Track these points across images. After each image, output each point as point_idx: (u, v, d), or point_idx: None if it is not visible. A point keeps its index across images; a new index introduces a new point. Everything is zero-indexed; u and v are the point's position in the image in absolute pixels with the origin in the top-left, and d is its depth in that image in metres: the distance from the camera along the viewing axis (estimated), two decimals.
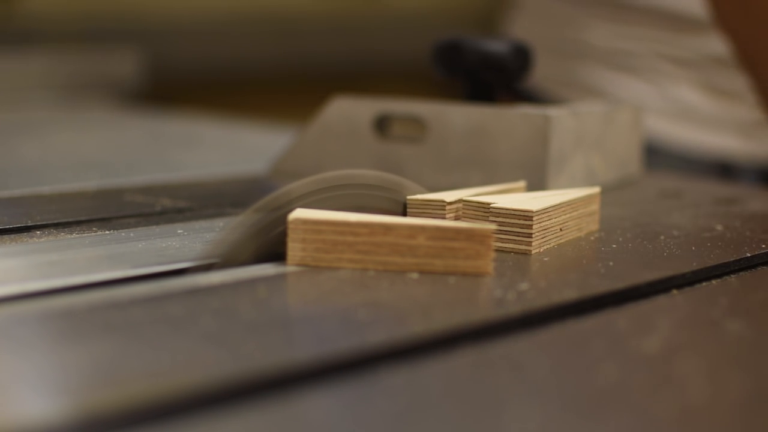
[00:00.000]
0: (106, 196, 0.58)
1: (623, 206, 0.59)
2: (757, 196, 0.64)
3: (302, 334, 0.32)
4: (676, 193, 0.66)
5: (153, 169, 0.74)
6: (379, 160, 0.64)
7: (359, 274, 0.39)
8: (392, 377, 0.29)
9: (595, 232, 0.49)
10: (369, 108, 0.64)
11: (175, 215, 0.52)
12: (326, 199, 0.43)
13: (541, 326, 0.34)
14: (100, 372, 0.28)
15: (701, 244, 0.47)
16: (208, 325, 0.32)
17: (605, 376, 0.30)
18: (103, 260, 0.41)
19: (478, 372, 0.30)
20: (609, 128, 0.65)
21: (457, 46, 0.64)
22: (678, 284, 0.40)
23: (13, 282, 0.36)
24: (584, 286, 0.39)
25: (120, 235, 0.46)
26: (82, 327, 0.32)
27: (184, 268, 0.40)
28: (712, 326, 0.35)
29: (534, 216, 0.43)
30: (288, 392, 0.27)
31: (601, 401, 0.28)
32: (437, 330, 0.32)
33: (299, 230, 0.40)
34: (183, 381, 0.27)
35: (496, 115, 0.61)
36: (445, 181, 0.61)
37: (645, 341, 0.33)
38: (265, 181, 0.66)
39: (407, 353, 0.31)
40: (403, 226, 0.39)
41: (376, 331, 0.32)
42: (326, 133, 0.66)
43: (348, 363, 0.29)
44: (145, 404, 0.25)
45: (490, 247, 0.39)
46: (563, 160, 0.60)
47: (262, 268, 0.40)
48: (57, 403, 0.25)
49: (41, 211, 0.50)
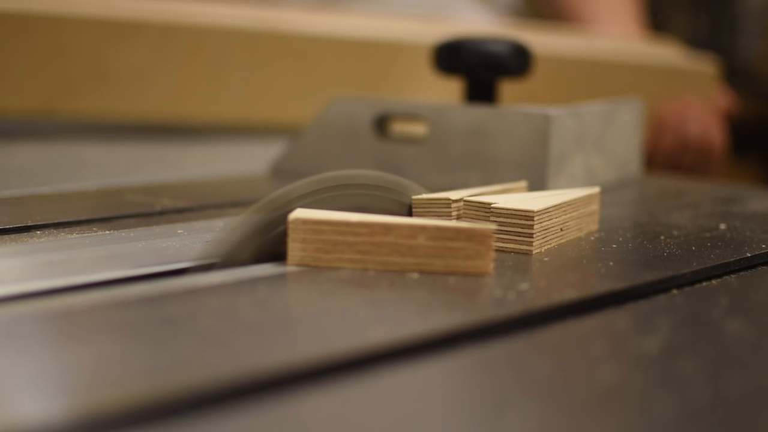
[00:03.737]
0: (106, 196, 0.58)
1: (623, 206, 0.59)
2: (757, 196, 0.64)
3: (302, 334, 0.32)
4: (676, 193, 0.66)
5: (153, 168, 0.74)
6: (379, 160, 0.64)
7: (359, 274, 0.39)
8: (392, 377, 0.29)
9: (595, 232, 0.49)
10: (369, 108, 0.64)
11: (175, 215, 0.52)
12: (326, 199, 0.43)
13: (541, 326, 0.34)
14: (100, 372, 0.28)
15: (701, 244, 0.47)
16: (208, 325, 0.32)
17: (605, 376, 0.30)
18: (103, 260, 0.41)
19: (478, 372, 0.30)
20: (609, 128, 0.65)
21: (457, 46, 0.64)
22: (678, 284, 0.40)
23: (13, 282, 0.36)
24: (584, 286, 0.39)
25: (120, 235, 0.46)
26: (82, 327, 0.32)
27: (184, 268, 0.40)
28: (712, 326, 0.35)
29: (535, 216, 0.43)
30: (288, 392, 0.27)
31: (601, 401, 0.28)
32: (437, 330, 0.32)
33: (299, 230, 0.40)
34: (183, 381, 0.27)
35: (496, 115, 0.61)
36: (445, 181, 0.62)
37: (645, 341, 0.33)
38: (265, 181, 0.66)
39: (407, 353, 0.31)
40: (403, 226, 0.39)
41: (376, 331, 0.32)
42: (326, 133, 0.66)
43: (348, 363, 0.29)
44: (145, 404, 0.25)
45: (491, 247, 0.39)
46: (563, 160, 0.60)
47: (262, 268, 0.40)
48: (57, 403, 0.25)
49: (41, 211, 0.50)
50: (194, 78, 0.89)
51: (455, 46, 0.64)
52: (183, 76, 0.89)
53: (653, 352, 0.32)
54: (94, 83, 0.85)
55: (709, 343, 0.34)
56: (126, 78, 0.86)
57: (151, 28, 0.87)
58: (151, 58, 0.87)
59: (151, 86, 0.87)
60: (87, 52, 0.85)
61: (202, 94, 0.90)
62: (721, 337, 0.34)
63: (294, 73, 0.92)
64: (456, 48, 0.64)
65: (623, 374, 0.30)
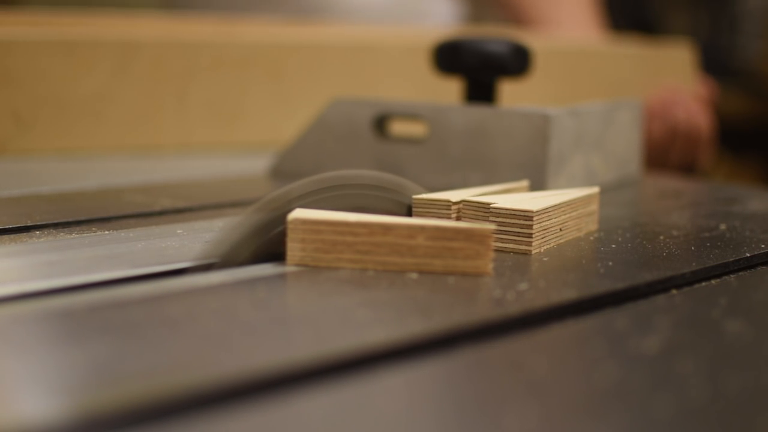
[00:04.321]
0: (105, 196, 0.58)
1: (623, 206, 0.59)
2: (757, 196, 0.64)
3: (301, 334, 0.32)
4: (676, 193, 0.66)
5: (153, 169, 0.74)
6: (378, 160, 0.64)
7: (359, 274, 0.39)
8: (391, 377, 0.29)
9: (595, 232, 0.49)
10: (369, 108, 0.64)
11: (175, 215, 0.52)
12: (326, 199, 0.43)
13: (540, 326, 0.34)
14: (100, 372, 0.28)
15: (700, 244, 0.47)
16: (207, 325, 0.32)
17: (605, 376, 0.30)
18: (102, 260, 0.41)
19: (477, 372, 0.30)
20: (609, 128, 0.65)
21: (457, 46, 0.64)
22: (677, 284, 0.40)
23: (13, 282, 0.36)
24: (583, 286, 0.39)
25: (119, 235, 0.46)
26: (82, 327, 0.32)
27: (184, 268, 0.40)
28: (712, 326, 0.35)
29: (534, 216, 0.43)
30: (287, 392, 0.27)
31: (600, 401, 0.28)
32: (437, 330, 0.32)
33: (299, 230, 0.40)
34: (183, 381, 0.27)
35: (496, 115, 0.61)
36: (445, 181, 0.62)
37: (645, 341, 0.33)
38: (264, 181, 0.66)
39: (407, 353, 0.31)
40: (402, 226, 0.39)
41: (376, 331, 0.32)
42: (326, 133, 0.66)
43: (347, 363, 0.29)
44: (145, 404, 0.25)
45: (490, 247, 0.39)
46: (563, 160, 0.60)
47: (262, 268, 0.40)
48: (57, 403, 0.25)
49: (41, 211, 0.50)
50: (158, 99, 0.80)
51: (455, 46, 0.64)
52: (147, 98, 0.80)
53: (652, 352, 0.32)
54: (48, 113, 0.76)
55: (709, 342, 0.34)
56: (84, 106, 0.77)
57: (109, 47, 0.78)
58: (109, 82, 0.78)
59: (112, 114, 0.79)
60: (38, 79, 0.75)
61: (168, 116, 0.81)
62: (721, 337, 0.34)
63: (266, 88, 0.85)
64: (455, 48, 0.64)
65: (622, 374, 0.30)
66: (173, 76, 0.81)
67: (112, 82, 0.78)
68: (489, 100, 0.66)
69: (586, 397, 0.28)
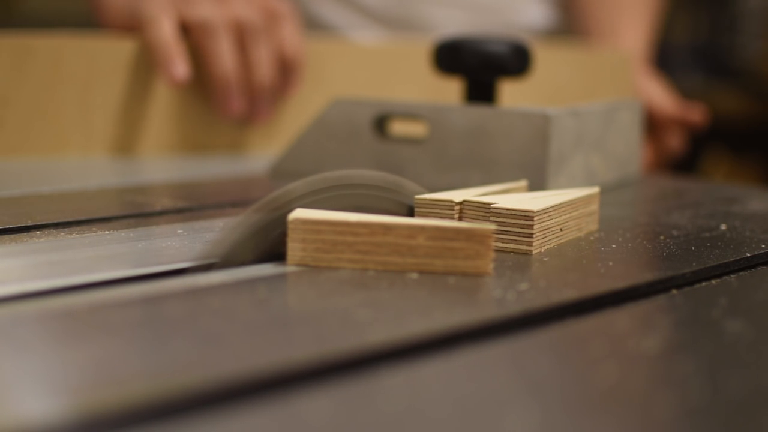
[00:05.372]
0: (105, 196, 0.58)
1: (623, 206, 0.60)
2: (757, 196, 0.64)
3: (302, 334, 0.32)
4: (676, 193, 0.66)
5: (152, 169, 0.74)
6: (378, 160, 0.64)
7: (359, 274, 0.39)
8: (392, 377, 0.29)
9: (595, 232, 0.49)
10: (369, 108, 0.64)
11: (175, 215, 0.52)
12: (326, 199, 0.43)
13: (540, 326, 0.34)
14: (100, 372, 0.28)
15: (701, 244, 0.47)
16: (208, 325, 0.32)
17: (605, 376, 0.30)
18: (102, 260, 0.41)
19: (478, 372, 0.30)
20: (609, 128, 0.65)
21: (457, 46, 0.64)
22: (677, 284, 0.40)
23: (13, 282, 0.36)
24: (584, 286, 0.39)
25: (120, 235, 0.46)
26: (82, 327, 0.32)
27: (184, 268, 0.40)
28: (712, 326, 0.35)
29: (535, 216, 0.43)
30: (288, 392, 0.27)
31: (601, 401, 0.28)
32: (437, 330, 0.32)
33: (299, 230, 0.40)
34: (183, 381, 0.27)
35: (496, 115, 0.61)
36: (445, 181, 0.62)
37: (645, 341, 0.33)
38: (265, 181, 0.66)
39: (407, 353, 0.31)
40: (402, 226, 0.39)
41: (376, 331, 0.32)
42: (326, 133, 0.66)
43: (347, 363, 0.29)
44: (145, 404, 0.25)
45: (490, 247, 0.39)
46: (563, 160, 0.60)
47: (262, 268, 0.40)
48: (57, 403, 0.25)
49: (41, 211, 0.50)
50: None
51: (455, 46, 0.64)
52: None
53: (653, 352, 0.32)
54: None
55: (709, 343, 0.34)
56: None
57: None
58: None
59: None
60: None
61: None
62: (721, 337, 0.34)
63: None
64: (456, 48, 0.64)
65: (623, 374, 0.30)
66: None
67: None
68: (489, 100, 0.66)
69: (586, 397, 0.28)
